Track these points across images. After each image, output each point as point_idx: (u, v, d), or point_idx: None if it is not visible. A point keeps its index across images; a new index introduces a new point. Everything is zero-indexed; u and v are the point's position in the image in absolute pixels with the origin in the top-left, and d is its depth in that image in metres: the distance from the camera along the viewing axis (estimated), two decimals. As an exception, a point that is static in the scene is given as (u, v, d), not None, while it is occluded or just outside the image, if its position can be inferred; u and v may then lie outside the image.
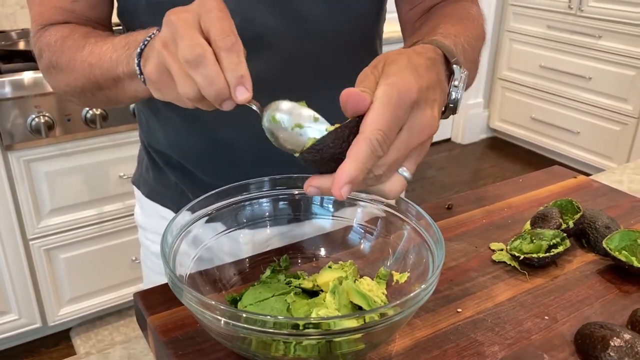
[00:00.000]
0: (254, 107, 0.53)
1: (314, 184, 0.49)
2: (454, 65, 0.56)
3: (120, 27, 0.79)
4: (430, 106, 0.50)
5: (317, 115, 0.52)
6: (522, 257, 0.71)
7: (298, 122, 0.52)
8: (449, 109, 0.57)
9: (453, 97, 0.56)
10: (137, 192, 0.93)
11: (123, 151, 1.80)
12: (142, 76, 0.57)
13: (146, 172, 0.90)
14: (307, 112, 0.52)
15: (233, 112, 0.54)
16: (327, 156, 0.47)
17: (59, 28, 0.71)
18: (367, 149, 0.45)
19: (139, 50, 0.57)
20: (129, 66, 0.59)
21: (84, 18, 0.73)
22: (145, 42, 0.57)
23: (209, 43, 0.49)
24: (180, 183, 0.84)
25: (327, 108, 0.53)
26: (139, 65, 0.57)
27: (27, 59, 1.65)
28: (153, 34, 0.57)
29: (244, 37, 0.52)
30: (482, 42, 0.72)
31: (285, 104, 0.53)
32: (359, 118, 0.47)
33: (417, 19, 0.77)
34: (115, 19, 0.78)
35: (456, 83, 0.56)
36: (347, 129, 0.46)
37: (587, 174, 1.09)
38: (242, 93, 0.49)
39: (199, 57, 0.48)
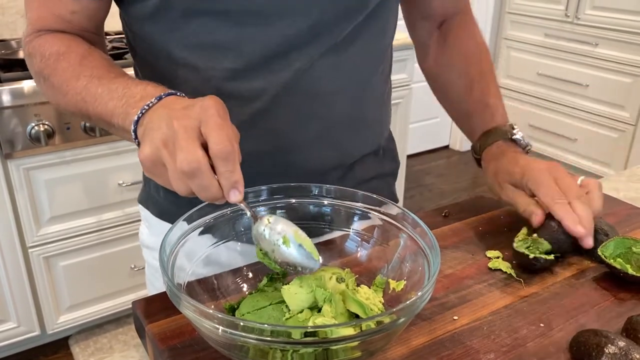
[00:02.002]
0: (246, 211, 0.60)
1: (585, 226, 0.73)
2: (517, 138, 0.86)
3: (110, 37, 0.79)
4: None
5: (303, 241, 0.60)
6: (532, 256, 0.71)
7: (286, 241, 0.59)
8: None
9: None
10: (145, 212, 0.90)
11: (122, 159, 1.81)
12: (136, 140, 0.60)
13: (155, 192, 0.87)
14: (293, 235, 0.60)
15: (239, 127, 0.56)
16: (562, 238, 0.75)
17: (55, 41, 0.72)
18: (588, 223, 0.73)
19: (136, 117, 0.59)
20: (124, 123, 0.61)
21: (79, 28, 0.74)
22: (143, 111, 0.58)
23: (208, 149, 0.52)
24: (193, 199, 0.83)
25: (333, 74, 0.65)
26: (134, 131, 0.59)
27: (26, 68, 1.66)
28: (151, 102, 0.59)
29: (253, 8, 0.61)
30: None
31: (280, 225, 0.60)
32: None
33: (430, 39, 0.77)
34: (110, 27, 0.78)
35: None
36: (561, 229, 0.74)
37: (584, 182, 1.09)
38: (234, 195, 0.54)
39: (195, 171, 0.52)
